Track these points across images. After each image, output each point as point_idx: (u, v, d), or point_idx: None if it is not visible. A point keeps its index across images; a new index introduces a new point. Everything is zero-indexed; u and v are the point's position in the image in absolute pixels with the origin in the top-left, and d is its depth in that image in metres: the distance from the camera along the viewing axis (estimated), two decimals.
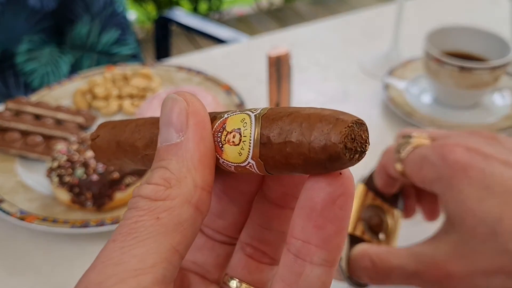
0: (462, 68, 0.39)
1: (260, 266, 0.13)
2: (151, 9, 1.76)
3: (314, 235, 0.10)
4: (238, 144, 0.10)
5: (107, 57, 0.68)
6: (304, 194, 0.10)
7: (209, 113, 0.11)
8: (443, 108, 0.43)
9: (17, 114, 0.42)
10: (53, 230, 0.32)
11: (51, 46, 0.66)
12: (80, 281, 0.10)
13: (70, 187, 0.32)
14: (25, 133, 0.40)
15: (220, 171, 0.11)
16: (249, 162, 0.10)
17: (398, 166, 0.22)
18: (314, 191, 0.10)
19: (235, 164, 0.10)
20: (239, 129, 0.10)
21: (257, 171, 0.10)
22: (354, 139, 0.09)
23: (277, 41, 0.56)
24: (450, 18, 0.56)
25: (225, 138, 0.11)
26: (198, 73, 0.47)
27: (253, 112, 0.10)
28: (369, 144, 0.10)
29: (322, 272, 0.10)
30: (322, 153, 0.09)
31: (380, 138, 0.41)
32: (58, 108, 0.43)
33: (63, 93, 0.46)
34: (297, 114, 0.10)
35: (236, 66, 0.51)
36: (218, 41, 0.66)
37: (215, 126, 0.11)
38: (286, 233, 0.12)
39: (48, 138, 0.40)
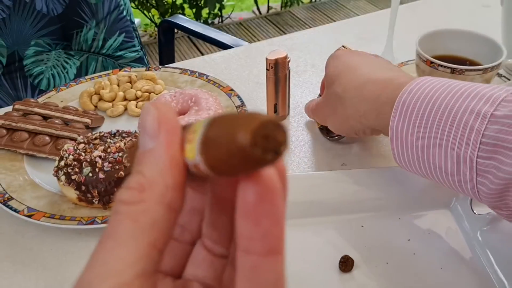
0: (454, 71, 0.40)
1: None
2: (155, 14, 1.78)
3: (255, 231, 0.11)
4: (191, 142, 0.11)
5: (113, 61, 0.70)
6: (238, 197, 0.11)
7: (190, 123, 0.12)
8: None
9: (25, 115, 0.43)
10: (60, 227, 0.33)
11: (58, 49, 0.68)
12: (76, 281, 0.11)
13: (77, 185, 0.33)
14: (33, 133, 0.41)
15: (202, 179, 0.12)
16: (197, 159, 0.11)
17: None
18: (244, 192, 0.11)
19: (191, 162, 0.12)
20: (196, 130, 0.11)
21: (205, 169, 0.11)
22: (266, 137, 0.10)
23: (275, 45, 0.57)
24: (443, 22, 0.58)
25: (187, 138, 0.12)
26: (201, 76, 0.49)
27: (211, 117, 0.11)
28: (286, 148, 0.10)
29: (270, 261, 0.11)
30: (235, 148, 0.10)
31: (375, 137, 0.42)
32: (65, 109, 0.44)
33: (69, 95, 0.48)
34: (228, 118, 0.10)
35: (236, 69, 0.53)
36: (219, 45, 0.67)
37: (185, 130, 0.12)
38: None
39: (55, 138, 0.41)
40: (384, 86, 0.30)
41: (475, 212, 0.32)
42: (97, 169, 0.33)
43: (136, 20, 1.75)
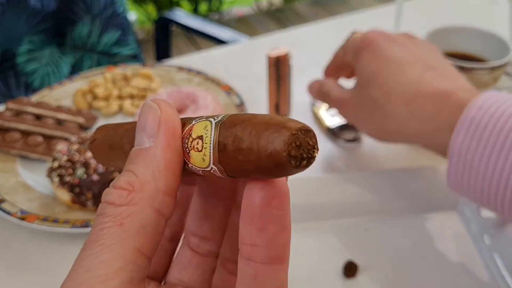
0: (461, 68, 0.39)
1: None
2: (151, 9, 1.76)
3: (259, 238, 0.11)
4: (201, 151, 0.11)
5: (108, 58, 0.69)
6: (243, 201, 0.11)
7: (181, 118, 0.12)
8: None
9: (18, 114, 0.42)
10: (54, 230, 0.32)
11: (52, 46, 0.66)
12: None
13: (71, 187, 0.32)
14: (25, 133, 0.40)
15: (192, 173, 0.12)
16: (212, 167, 0.11)
17: (340, 51, 0.34)
18: (250, 197, 0.11)
19: (202, 169, 0.11)
20: (202, 136, 0.11)
21: (220, 175, 0.11)
22: (300, 146, 0.10)
23: (277, 41, 0.56)
24: (449, 19, 0.56)
25: (191, 144, 0.11)
26: (199, 73, 0.47)
27: (214, 119, 0.11)
28: (317, 150, 0.10)
29: (274, 270, 0.11)
30: (269, 161, 0.10)
31: None
32: (59, 109, 0.43)
33: (63, 94, 0.47)
34: (248, 122, 0.10)
35: (236, 66, 0.52)
36: (218, 41, 0.66)
37: (183, 133, 0.11)
38: None
39: (48, 138, 0.40)
40: (440, 103, 0.25)
41: (482, 215, 0.31)
42: (91, 171, 0.32)
43: (132, 17, 1.73)
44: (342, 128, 0.42)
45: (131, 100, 0.46)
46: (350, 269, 0.29)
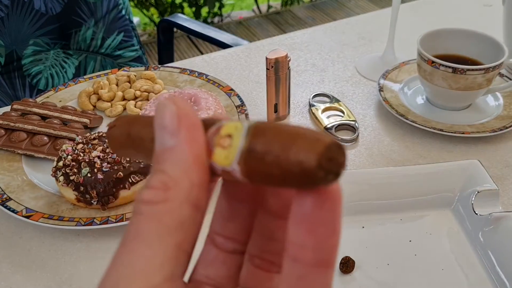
0: (456, 70, 0.40)
1: (270, 275, 0.13)
2: (154, 13, 1.78)
3: (308, 239, 0.11)
4: (227, 148, 0.11)
5: (111, 60, 0.70)
6: (295, 201, 0.11)
7: (210, 118, 0.12)
8: (436, 109, 0.44)
9: (24, 115, 0.43)
10: (59, 228, 0.32)
11: (56, 48, 0.67)
12: (100, 282, 0.11)
13: (76, 186, 0.33)
14: (31, 134, 0.41)
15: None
16: (233, 167, 0.11)
17: None
18: (303, 197, 0.11)
19: (221, 168, 0.11)
20: (231, 134, 0.11)
21: (240, 177, 0.11)
22: (331, 160, 0.10)
23: (276, 44, 0.57)
24: (444, 21, 0.57)
25: (218, 141, 0.11)
26: (200, 75, 0.48)
27: (248, 123, 0.11)
28: (344, 169, 0.10)
29: (320, 274, 0.11)
30: (297, 168, 0.10)
31: (375, 138, 0.42)
32: (64, 109, 0.44)
33: (68, 95, 0.47)
34: (283, 129, 0.10)
35: (236, 69, 0.53)
36: (219, 45, 0.67)
37: (212, 130, 0.12)
38: None
39: (54, 138, 0.41)
40: None
41: (477, 213, 0.32)
42: (95, 170, 0.33)
43: (135, 19, 1.74)
44: (339, 128, 0.43)
45: (135, 101, 0.47)
46: (346, 265, 0.30)
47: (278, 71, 0.41)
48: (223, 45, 0.66)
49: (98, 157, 0.34)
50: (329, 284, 0.11)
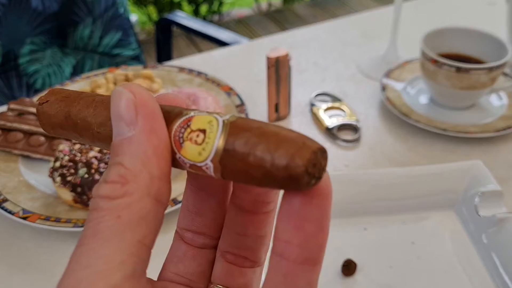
0: (459, 69, 0.39)
1: (243, 270, 0.13)
2: (152, 11, 1.77)
3: (295, 236, 0.10)
4: (200, 144, 0.10)
5: (109, 59, 0.69)
6: (283, 197, 0.10)
7: (174, 107, 0.11)
8: (440, 108, 0.43)
9: (20, 114, 0.42)
10: (56, 229, 0.32)
11: (54, 47, 0.67)
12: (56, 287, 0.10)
13: (73, 187, 0.33)
14: (28, 134, 0.40)
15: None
16: (206, 164, 0.10)
17: None
18: (291, 193, 0.10)
19: (191, 163, 0.11)
20: (205, 130, 0.10)
21: (212, 174, 0.10)
22: (315, 165, 0.10)
23: (276, 43, 0.56)
24: (447, 20, 0.57)
25: (188, 135, 0.11)
26: (199, 74, 0.48)
27: (221, 117, 0.11)
28: (325, 172, 0.10)
29: (306, 271, 0.10)
30: (283, 172, 0.09)
31: (378, 138, 0.41)
32: None
33: None
34: (266, 129, 0.10)
35: (236, 67, 0.52)
36: (219, 43, 0.66)
37: (179, 122, 0.11)
38: (264, 236, 0.13)
39: (50, 139, 0.40)
40: None
41: (480, 214, 0.32)
42: (92, 170, 0.33)
43: (133, 18, 1.73)
44: (341, 128, 0.42)
45: None
46: (348, 268, 0.29)
47: (278, 70, 0.41)
48: (223, 44, 0.65)
49: (95, 157, 0.33)
50: (315, 282, 0.11)
